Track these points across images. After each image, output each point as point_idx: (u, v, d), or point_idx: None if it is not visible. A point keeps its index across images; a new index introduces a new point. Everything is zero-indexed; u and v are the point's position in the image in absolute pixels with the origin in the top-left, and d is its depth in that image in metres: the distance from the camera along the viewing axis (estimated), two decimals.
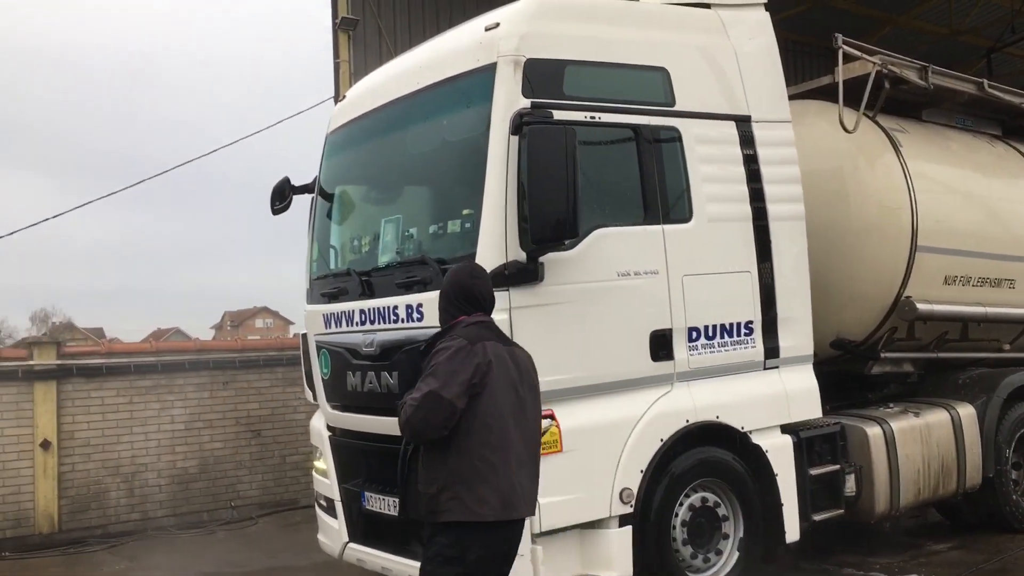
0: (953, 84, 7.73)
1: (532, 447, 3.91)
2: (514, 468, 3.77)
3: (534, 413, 3.95)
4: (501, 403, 3.78)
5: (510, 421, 3.79)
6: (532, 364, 4.03)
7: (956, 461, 7.01)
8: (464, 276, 4.15)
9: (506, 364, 3.84)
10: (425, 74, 5.65)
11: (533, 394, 3.95)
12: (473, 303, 4.03)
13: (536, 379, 4.00)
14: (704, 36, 5.93)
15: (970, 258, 7.39)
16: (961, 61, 14.18)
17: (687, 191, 5.59)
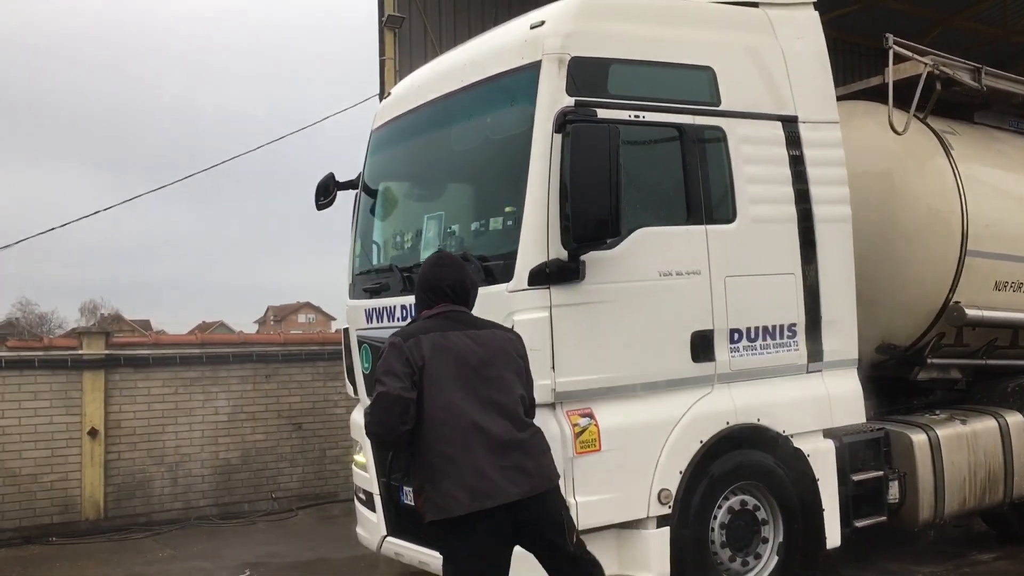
0: (1007, 86, 7.57)
1: (516, 424, 3.79)
2: (482, 454, 3.65)
3: (513, 392, 3.83)
4: (450, 393, 3.69)
5: (468, 408, 3.68)
6: (510, 343, 3.96)
7: (1003, 470, 6.87)
8: (427, 267, 4.10)
9: (453, 352, 3.74)
10: (469, 71, 5.67)
11: (510, 371, 3.86)
12: (437, 293, 3.97)
13: (515, 356, 3.92)
14: (751, 35, 5.87)
15: (1022, 263, 7.23)
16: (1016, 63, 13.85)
17: (731, 191, 5.55)
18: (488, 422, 3.71)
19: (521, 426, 3.83)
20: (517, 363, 3.94)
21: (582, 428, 4.96)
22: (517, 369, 3.92)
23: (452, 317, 3.92)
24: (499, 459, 3.69)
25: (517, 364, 3.93)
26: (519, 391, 3.87)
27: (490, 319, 4.14)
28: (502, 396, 3.79)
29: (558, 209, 4.93)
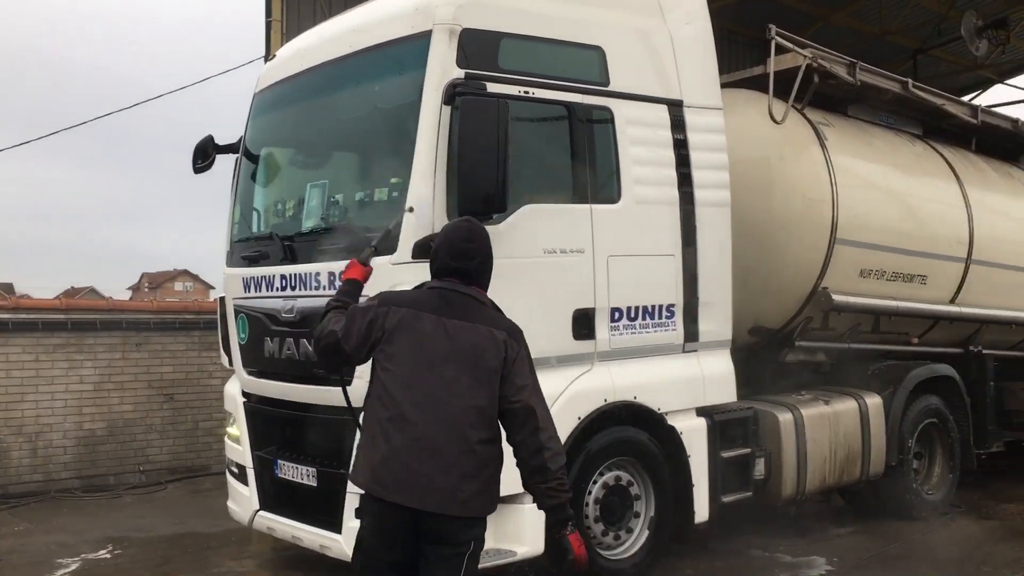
0: (879, 82, 7.90)
1: (456, 433, 3.31)
2: (399, 446, 3.30)
3: (464, 399, 3.34)
4: (396, 375, 3.36)
5: (404, 398, 3.33)
6: (489, 343, 3.39)
7: (861, 449, 7.22)
8: (453, 235, 3.62)
9: (416, 336, 3.38)
10: (358, 38, 5.54)
11: (470, 376, 3.36)
12: (447, 267, 3.54)
13: (487, 360, 3.37)
14: (641, 18, 5.94)
15: (886, 253, 7.59)
16: (889, 61, 14.52)
17: (617, 172, 5.61)
18: (418, 418, 3.31)
19: (458, 440, 3.31)
20: (486, 368, 3.37)
21: None
22: (483, 375, 3.37)
23: (444, 297, 3.47)
24: (412, 459, 3.30)
25: (485, 369, 3.37)
26: (476, 401, 3.34)
27: (493, 311, 3.55)
28: (449, 399, 3.33)
29: (445, 182, 4.89)
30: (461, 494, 3.29)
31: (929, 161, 8.43)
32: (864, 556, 6.70)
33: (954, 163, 8.57)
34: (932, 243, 7.97)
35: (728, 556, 6.64)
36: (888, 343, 8.01)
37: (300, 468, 5.54)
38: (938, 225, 8.07)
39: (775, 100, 6.85)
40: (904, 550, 6.92)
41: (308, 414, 5.56)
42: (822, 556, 6.66)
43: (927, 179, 8.27)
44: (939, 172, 8.40)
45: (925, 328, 8.24)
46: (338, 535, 5.18)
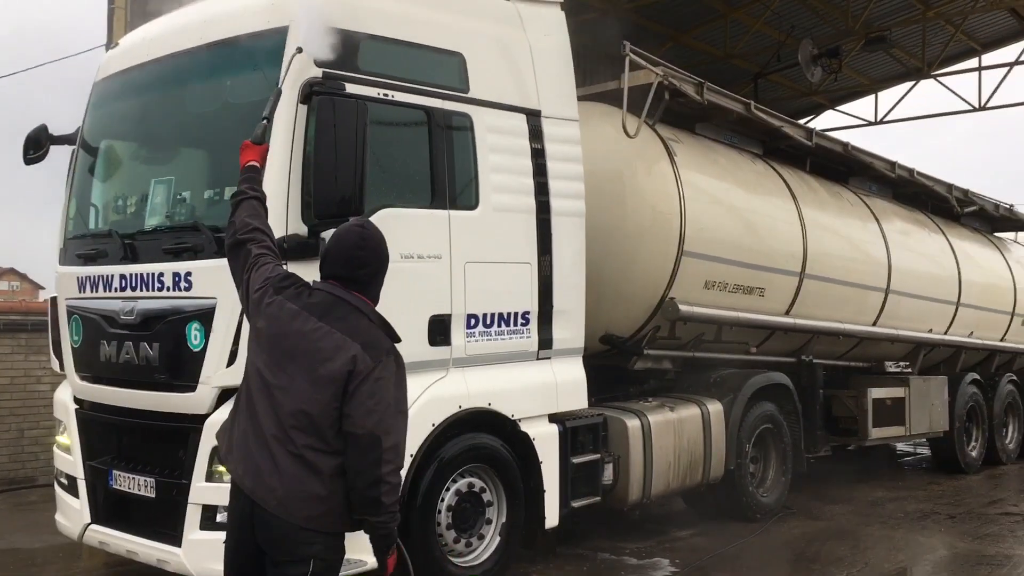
0: (725, 102, 8.26)
1: (283, 433, 3.17)
2: (247, 432, 3.24)
3: (298, 402, 3.17)
4: (258, 360, 3.29)
5: (261, 386, 3.24)
6: (334, 352, 3.17)
7: (703, 454, 7.50)
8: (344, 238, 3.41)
9: (283, 328, 3.25)
10: (210, 29, 5.33)
11: (308, 382, 3.18)
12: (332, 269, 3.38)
13: (328, 370, 3.16)
14: (502, 27, 5.98)
15: (728, 266, 7.92)
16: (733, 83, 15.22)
17: (475, 179, 5.62)
18: (260, 407, 3.22)
19: (285, 439, 3.16)
20: (325, 376, 3.15)
21: None
22: (320, 382, 3.16)
23: (318, 297, 3.31)
24: (253, 445, 3.21)
25: (324, 377, 3.15)
26: (306, 406, 3.15)
27: (367, 322, 3.31)
28: (283, 397, 3.19)
29: (299, 183, 4.77)
30: (282, 494, 3.14)
31: (768, 179, 8.86)
32: (705, 557, 6.95)
33: (791, 182, 9.04)
34: (770, 258, 8.38)
35: (577, 560, 6.75)
36: (729, 352, 8.37)
37: (137, 479, 5.26)
38: (776, 241, 8.49)
39: (628, 115, 7.05)
40: (741, 550, 7.23)
41: (147, 421, 5.30)
42: (666, 558, 6.87)
43: (767, 197, 8.69)
44: (777, 190, 8.84)
45: (763, 338, 8.65)
46: (178, 548, 4.95)
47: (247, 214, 3.70)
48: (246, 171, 3.95)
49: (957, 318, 11.36)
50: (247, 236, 3.61)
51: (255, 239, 3.60)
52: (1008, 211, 13.26)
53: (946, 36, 19.98)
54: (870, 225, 10.01)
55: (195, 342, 4.94)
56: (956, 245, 11.61)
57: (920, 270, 10.62)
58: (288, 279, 3.42)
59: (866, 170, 10.47)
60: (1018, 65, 21.01)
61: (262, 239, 3.62)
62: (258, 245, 3.57)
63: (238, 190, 3.85)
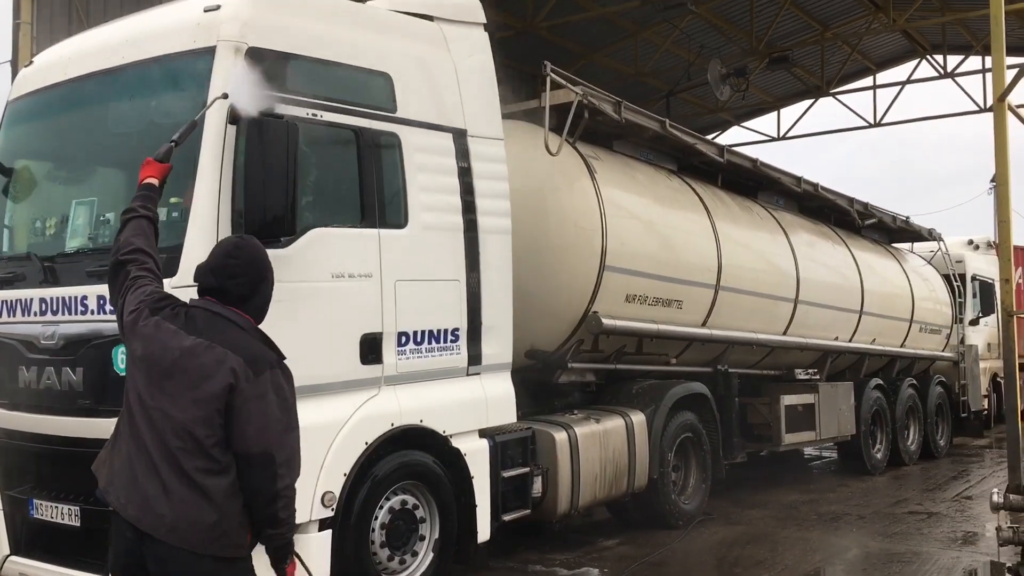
0: (641, 120, 8.49)
1: (170, 455, 3.09)
2: (130, 458, 3.15)
3: (181, 422, 3.09)
4: (136, 382, 3.21)
5: (142, 408, 3.16)
6: (215, 367, 3.11)
7: (628, 464, 7.66)
8: (215, 251, 3.42)
9: (159, 347, 3.17)
10: (132, 49, 5.26)
11: (191, 399, 3.10)
12: (205, 283, 3.34)
13: (210, 386, 3.09)
14: (427, 47, 6.05)
15: (648, 279, 8.13)
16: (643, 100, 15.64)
17: (404, 198, 5.67)
18: (143, 430, 3.13)
19: (171, 462, 3.08)
20: (207, 393, 3.09)
21: None
22: (202, 398, 3.10)
23: (193, 313, 3.27)
24: (139, 472, 3.11)
25: (207, 394, 3.09)
26: (189, 426, 3.08)
27: (248, 336, 3.26)
28: (165, 417, 3.12)
29: (230, 203, 4.74)
30: (171, 519, 3.05)
31: (684, 195, 9.14)
32: (632, 564, 7.10)
33: (704, 197, 9.34)
34: (687, 271, 8.63)
35: (508, 573, 6.83)
36: (650, 363, 8.58)
37: (60, 507, 5.12)
38: (692, 255, 8.76)
39: (549, 133, 7.19)
40: (665, 557, 7.41)
41: (70, 448, 5.15)
42: (595, 567, 7.00)
43: (683, 212, 8.96)
44: (692, 206, 9.12)
45: (681, 349, 8.89)
46: None
47: (132, 233, 3.61)
48: (142, 188, 3.86)
49: (860, 326, 11.87)
50: (128, 257, 3.53)
51: (136, 260, 3.52)
52: (905, 223, 13.94)
53: (843, 56, 20.91)
54: (779, 238, 10.40)
55: (122, 366, 4.84)
56: (858, 256, 12.14)
57: (826, 281, 11.07)
58: (165, 299, 3.36)
59: (774, 185, 10.89)
60: (910, 84, 22.12)
61: (144, 260, 3.53)
62: (138, 266, 3.50)
63: (129, 207, 3.77)
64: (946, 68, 21.36)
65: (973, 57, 20.73)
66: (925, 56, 21.54)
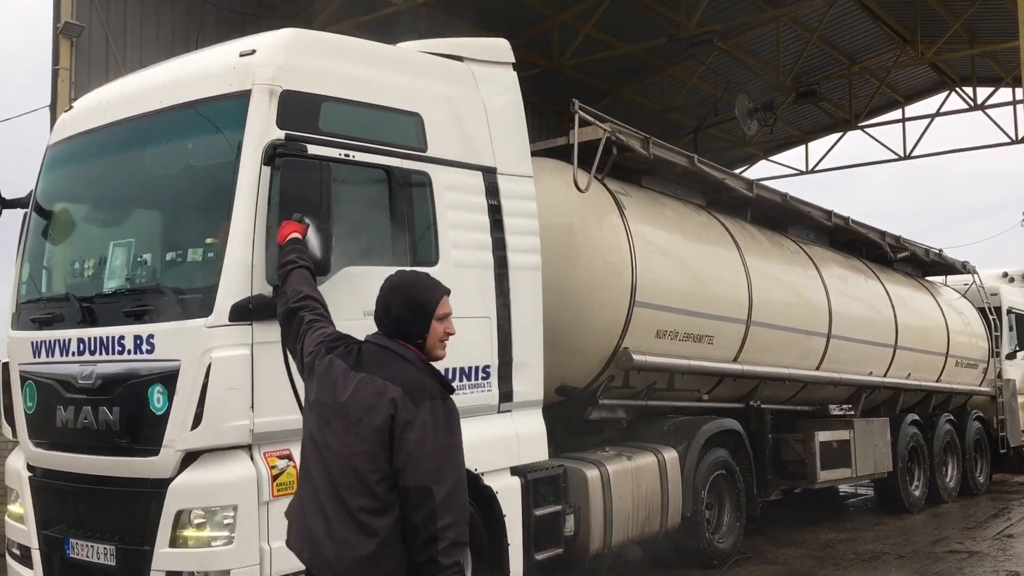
0: (669, 156, 8.52)
1: (336, 495, 3.09)
2: (304, 500, 3.21)
3: (347, 459, 3.09)
4: (309, 424, 3.28)
5: (314, 449, 3.21)
6: (376, 400, 3.09)
7: (661, 502, 7.59)
8: (382, 285, 3.43)
9: (330, 385, 3.22)
10: (169, 93, 5.37)
11: (355, 434, 3.10)
12: (376, 319, 3.38)
13: (372, 420, 3.08)
14: (457, 87, 6.12)
15: (678, 315, 8.11)
16: (670, 135, 15.68)
17: (435, 235, 5.70)
18: (315, 471, 3.16)
19: (339, 503, 3.07)
20: (370, 427, 3.07)
21: (280, 470, 4.82)
22: (365, 433, 3.07)
23: (362, 348, 3.32)
24: (309, 514, 3.15)
25: (369, 428, 3.06)
26: (354, 462, 3.06)
27: (412, 367, 3.24)
28: (333, 456, 3.12)
29: (264, 243, 4.80)
30: (332, 557, 3.05)
31: (713, 230, 9.12)
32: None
33: (734, 232, 9.32)
34: (717, 306, 8.59)
35: None
36: (681, 399, 8.52)
37: (96, 547, 5.14)
38: (723, 289, 8.72)
39: (578, 170, 7.23)
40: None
41: (107, 487, 5.20)
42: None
43: (712, 247, 8.94)
44: (722, 240, 9.10)
45: (713, 385, 8.83)
46: None
47: (298, 282, 3.88)
48: (290, 243, 4.19)
49: (895, 360, 11.73)
50: (299, 304, 3.75)
51: (307, 306, 3.73)
52: (938, 256, 13.81)
53: (871, 89, 20.88)
54: (810, 272, 10.34)
55: (158, 405, 4.89)
56: (891, 290, 12.03)
57: (859, 315, 10.97)
58: (340, 339, 3.44)
59: (804, 219, 10.85)
60: (939, 116, 22.02)
61: (314, 306, 3.75)
62: (311, 312, 3.69)
63: (286, 260, 4.09)
64: (976, 100, 21.25)
65: (1003, 89, 20.61)
66: (954, 88, 21.47)
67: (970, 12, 17.07)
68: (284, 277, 3.95)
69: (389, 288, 3.39)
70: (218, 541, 4.70)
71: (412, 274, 3.59)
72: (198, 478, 4.76)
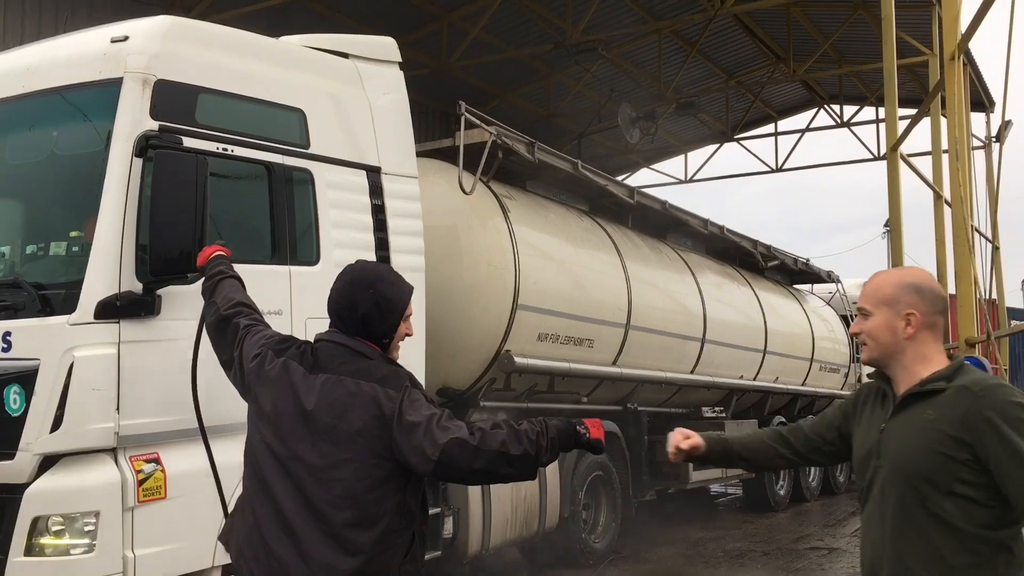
0: (554, 161, 8.60)
1: (313, 512, 2.82)
2: (263, 522, 2.87)
3: (328, 471, 2.83)
4: (265, 435, 2.94)
5: (275, 464, 2.89)
6: (351, 401, 2.86)
7: (540, 503, 7.66)
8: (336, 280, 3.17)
9: (289, 391, 2.93)
10: (35, 78, 5.08)
11: (332, 442, 2.84)
12: (331, 316, 3.13)
13: (351, 423, 2.84)
14: (341, 84, 6.02)
15: (559, 318, 8.19)
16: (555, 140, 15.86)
17: (316, 234, 5.59)
18: (278, 489, 2.86)
19: (315, 520, 2.80)
20: (349, 431, 2.82)
21: (146, 475, 4.63)
22: (345, 439, 2.82)
23: (319, 348, 3.04)
24: (271, 537, 2.83)
25: (348, 433, 2.82)
26: (337, 472, 2.80)
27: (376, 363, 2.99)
28: (307, 469, 2.85)
29: (134, 238, 4.61)
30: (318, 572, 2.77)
31: (595, 235, 9.26)
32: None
33: (615, 238, 9.49)
34: (598, 310, 8.73)
35: None
36: (562, 402, 8.62)
37: None
38: (603, 294, 8.87)
39: (463, 172, 7.22)
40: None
41: None
42: None
43: (594, 252, 9.07)
44: (603, 246, 9.26)
45: (592, 387, 8.96)
46: None
47: (229, 291, 3.56)
48: (215, 260, 3.86)
49: (764, 365, 12.19)
50: (232, 311, 3.42)
51: (241, 312, 3.41)
52: (805, 265, 14.45)
53: (747, 103, 21.66)
54: (687, 278, 10.63)
55: (14, 406, 4.62)
56: (762, 297, 12.50)
57: (732, 320, 11.35)
58: (287, 340, 3.16)
59: (682, 226, 11.15)
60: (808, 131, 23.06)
61: (248, 312, 3.43)
62: (246, 317, 3.38)
63: (214, 271, 3.73)
64: (843, 117, 22.34)
65: (868, 108, 21.74)
66: (823, 105, 22.50)
67: (838, 33, 17.92)
68: (212, 288, 3.64)
69: (352, 282, 3.09)
70: (78, 548, 4.48)
71: (375, 268, 3.32)
72: (57, 483, 4.52)
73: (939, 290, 2.72)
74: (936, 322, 2.67)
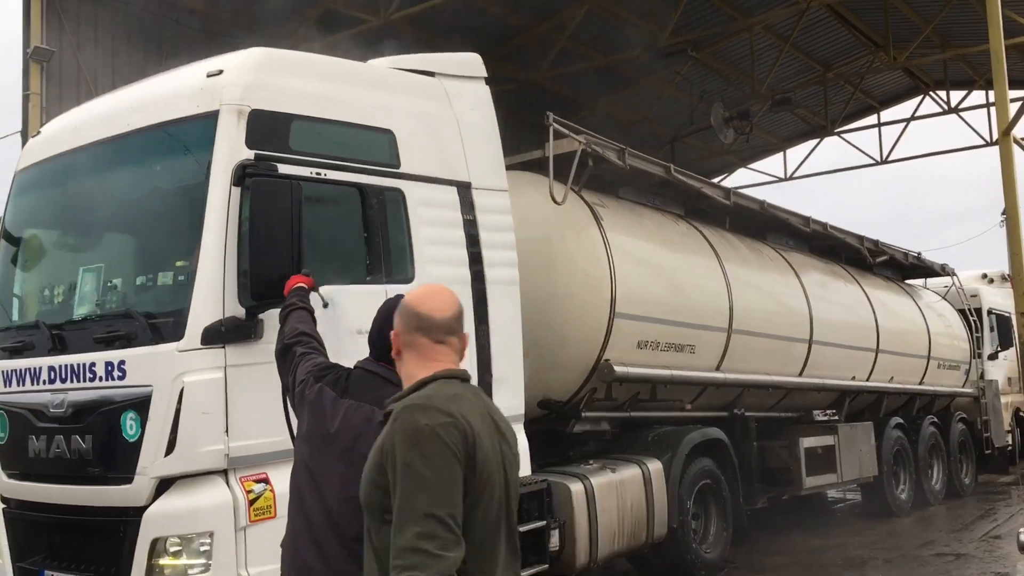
0: (646, 167, 8.52)
1: (332, 525, 3.10)
2: (296, 532, 3.19)
3: (342, 488, 3.05)
4: (302, 454, 3.27)
5: (308, 479, 3.20)
6: (365, 426, 3.10)
7: (647, 514, 7.53)
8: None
9: (321, 415, 3.24)
10: (137, 116, 5.31)
11: (347, 462, 3.06)
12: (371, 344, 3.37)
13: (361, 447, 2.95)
14: (429, 103, 6.09)
15: (659, 325, 8.08)
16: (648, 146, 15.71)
17: (410, 252, 5.65)
18: (309, 502, 3.17)
19: (335, 532, 3.06)
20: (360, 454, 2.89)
21: (257, 494, 4.74)
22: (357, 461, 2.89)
23: (351, 375, 3.38)
24: (301, 545, 3.15)
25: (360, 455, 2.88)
26: (349, 491, 2.90)
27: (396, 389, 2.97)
28: (328, 485, 3.13)
29: (235, 265, 4.74)
30: None
31: (692, 239, 9.11)
32: None
33: (713, 241, 9.31)
34: (699, 315, 8.57)
35: None
36: (665, 410, 8.48)
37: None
38: (703, 298, 8.71)
39: (554, 182, 7.21)
40: None
41: (81, 517, 5.11)
42: None
43: (691, 256, 8.93)
44: (701, 249, 9.10)
45: (696, 394, 8.80)
46: None
47: (296, 321, 3.93)
48: (294, 291, 4.27)
49: (877, 364, 11.75)
50: (293, 340, 3.78)
51: (301, 341, 3.75)
52: (917, 259, 13.87)
53: (846, 95, 21.02)
54: (790, 279, 10.35)
55: (131, 432, 4.81)
56: (871, 294, 12.06)
57: (840, 320, 10.99)
58: (328, 368, 3.47)
59: (782, 226, 10.87)
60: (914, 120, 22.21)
61: (308, 340, 3.78)
62: (304, 346, 3.71)
63: (288, 304, 4.13)
64: (950, 103, 21.44)
65: (977, 92, 20.81)
66: (928, 92, 21.65)
67: (941, 16, 17.23)
68: (284, 319, 4.02)
69: (385, 312, 3.31)
70: (195, 569, 4.62)
71: (395, 299, 3.40)
72: (173, 505, 4.69)
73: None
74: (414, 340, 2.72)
